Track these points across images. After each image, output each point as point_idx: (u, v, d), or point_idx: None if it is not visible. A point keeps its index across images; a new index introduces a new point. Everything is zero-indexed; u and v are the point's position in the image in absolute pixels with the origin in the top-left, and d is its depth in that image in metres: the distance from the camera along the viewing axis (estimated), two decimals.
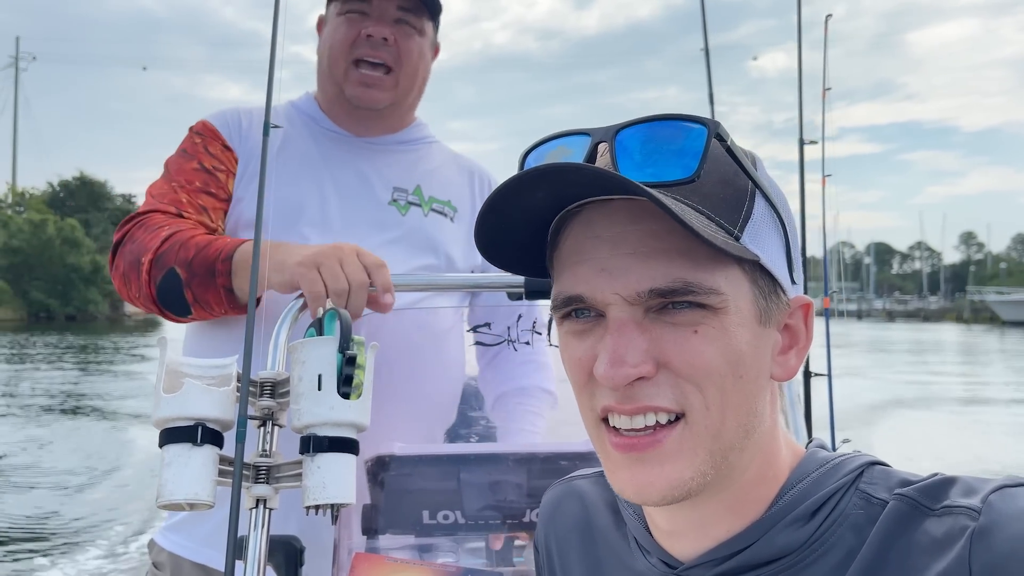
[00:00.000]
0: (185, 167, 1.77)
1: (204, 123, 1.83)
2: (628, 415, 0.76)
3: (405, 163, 1.90)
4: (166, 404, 1.19)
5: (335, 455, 1.22)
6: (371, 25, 1.78)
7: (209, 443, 1.19)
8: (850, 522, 0.78)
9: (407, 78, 1.83)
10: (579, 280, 0.77)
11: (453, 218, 1.89)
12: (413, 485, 1.53)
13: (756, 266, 0.77)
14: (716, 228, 0.74)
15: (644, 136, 0.76)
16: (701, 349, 0.74)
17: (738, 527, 0.81)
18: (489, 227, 0.79)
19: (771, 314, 0.79)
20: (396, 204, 1.83)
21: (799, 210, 1.88)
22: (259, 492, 1.24)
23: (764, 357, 0.79)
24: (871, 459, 0.84)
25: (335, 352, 1.25)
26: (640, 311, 0.75)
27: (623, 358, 0.73)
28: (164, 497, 1.17)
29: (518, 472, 1.52)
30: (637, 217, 0.74)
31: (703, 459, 0.76)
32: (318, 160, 1.83)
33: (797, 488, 0.81)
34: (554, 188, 0.75)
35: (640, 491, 0.77)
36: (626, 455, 0.77)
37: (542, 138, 0.82)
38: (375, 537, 1.51)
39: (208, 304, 1.58)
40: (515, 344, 1.71)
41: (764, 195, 0.79)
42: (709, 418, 0.75)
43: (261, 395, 1.28)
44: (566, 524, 1.02)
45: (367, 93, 1.81)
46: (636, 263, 0.74)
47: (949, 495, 0.76)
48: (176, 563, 1.73)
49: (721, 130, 0.75)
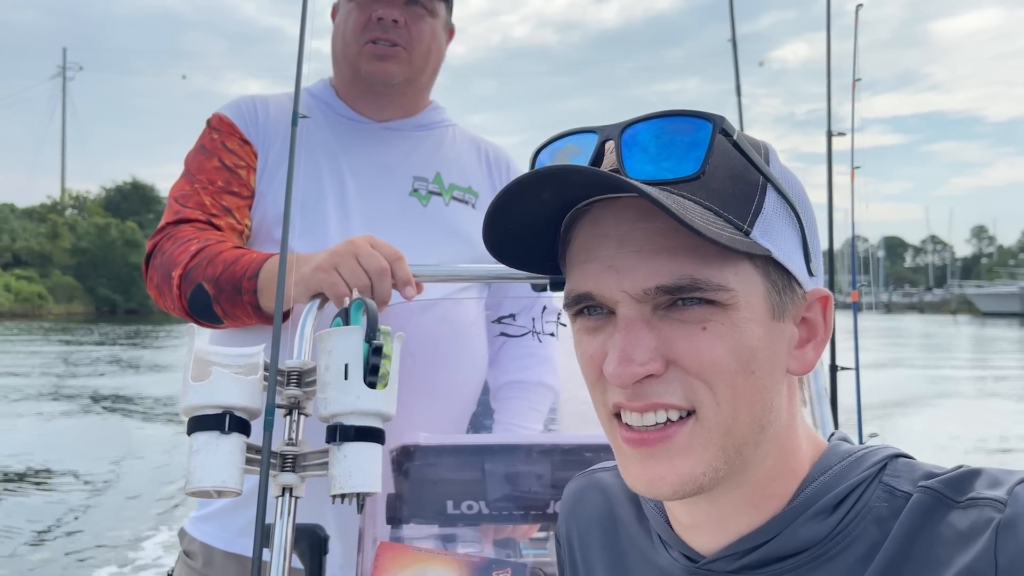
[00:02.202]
0: (206, 166, 1.77)
1: (220, 116, 1.83)
2: (639, 412, 0.76)
3: (424, 149, 1.90)
4: (194, 392, 1.21)
5: (361, 444, 1.23)
6: (381, 8, 1.79)
7: (237, 431, 1.20)
8: (873, 515, 0.78)
9: (420, 57, 1.84)
10: (588, 278, 0.77)
11: (475, 204, 1.89)
12: (437, 475, 1.53)
13: (769, 260, 0.77)
14: (724, 224, 0.74)
15: (650, 132, 0.75)
16: (710, 346, 0.74)
17: (759, 521, 0.81)
18: (497, 228, 0.80)
19: (786, 308, 0.78)
20: (417, 194, 1.83)
21: (827, 203, 1.86)
22: (285, 480, 1.25)
23: (779, 352, 0.78)
24: (895, 451, 0.83)
25: (362, 341, 1.26)
26: (648, 308, 0.75)
27: (631, 356, 0.74)
28: (193, 484, 1.19)
29: (542, 463, 1.52)
30: (643, 215, 0.74)
31: (714, 455, 0.76)
32: (337, 149, 1.83)
33: (819, 481, 0.81)
34: (559, 189, 0.75)
35: (651, 485, 0.77)
36: (637, 450, 0.77)
37: (553, 136, 0.82)
38: (399, 527, 1.52)
39: (238, 317, 1.60)
40: (540, 336, 1.71)
41: (776, 188, 0.78)
42: (720, 414, 0.75)
43: (288, 384, 1.29)
44: (588, 516, 1.02)
45: (381, 67, 1.81)
46: (642, 261, 0.74)
47: (974, 487, 0.75)
48: (208, 552, 1.75)
49: (726, 124, 0.75)
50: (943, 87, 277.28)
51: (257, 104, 1.85)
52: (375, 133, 1.88)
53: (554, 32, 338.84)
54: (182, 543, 1.85)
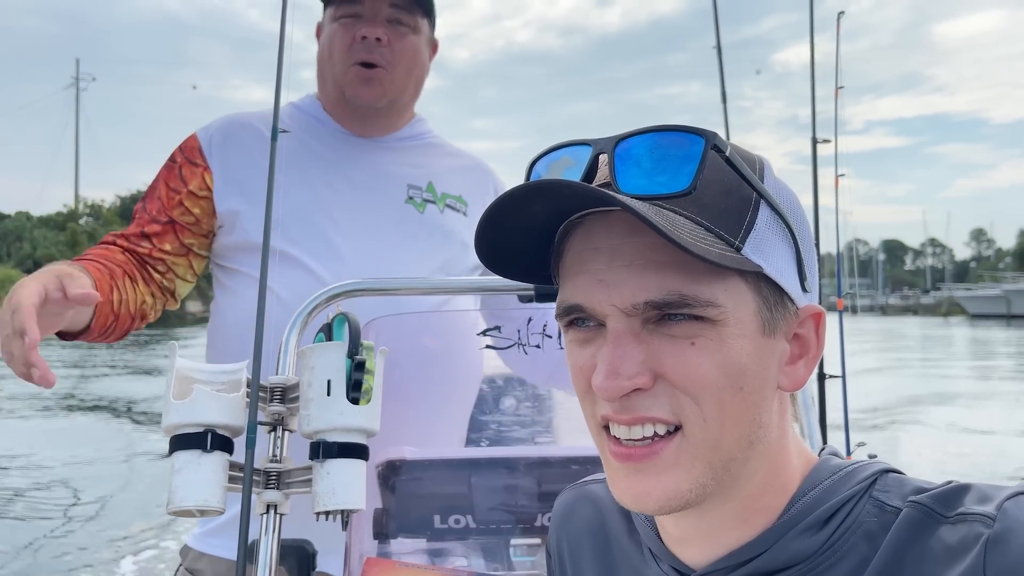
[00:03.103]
0: (161, 193, 1.81)
1: (192, 137, 1.86)
2: (626, 425, 0.76)
3: (414, 160, 1.92)
4: (176, 411, 1.19)
5: (344, 461, 1.22)
6: (364, 27, 1.80)
7: (219, 449, 1.19)
8: (864, 530, 0.77)
9: (402, 76, 1.85)
10: (578, 290, 0.77)
11: (466, 212, 1.92)
12: (424, 489, 1.52)
13: (760, 276, 0.76)
14: (714, 240, 0.73)
15: (643, 147, 0.75)
16: (698, 362, 0.73)
17: (748, 535, 0.80)
18: (489, 239, 0.79)
19: (777, 324, 0.78)
20: (412, 202, 1.86)
21: (812, 208, 1.86)
22: (269, 498, 1.24)
23: (769, 368, 0.78)
24: (885, 467, 0.83)
25: (344, 357, 1.25)
26: (638, 322, 0.74)
27: (618, 370, 0.73)
28: (174, 504, 1.17)
29: (529, 476, 1.52)
30: (634, 229, 0.73)
31: (701, 471, 0.75)
32: (331, 160, 1.85)
33: (809, 496, 0.80)
34: (550, 201, 0.75)
35: (637, 500, 0.77)
36: (625, 464, 0.77)
37: (548, 147, 0.82)
38: (386, 541, 1.50)
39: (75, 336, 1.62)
40: (526, 348, 1.70)
41: (769, 204, 0.78)
42: (707, 430, 0.75)
43: (271, 401, 1.28)
44: (579, 527, 1.02)
45: (365, 91, 1.82)
46: (632, 275, 0.73)
47: (963, 502, 0.75)
48: (216, 566, 1.74)
49: (719, 140, 0.74)
50: (947, 89, 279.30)
51: (234, 124, 1.86)
52: (365, 146, 1.90)
53: (557, 36, 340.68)
54: (184, 560, 1.83)
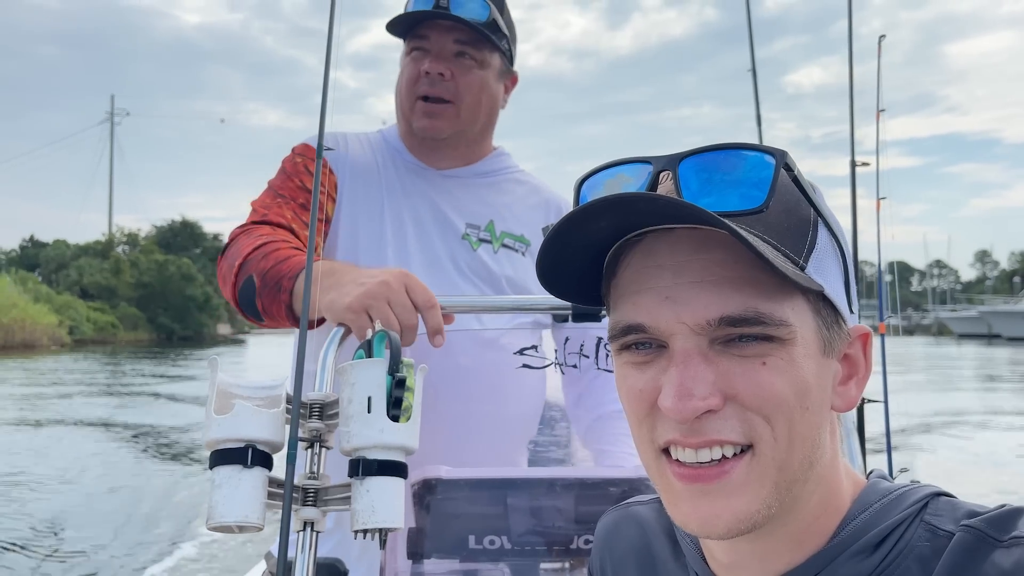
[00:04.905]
0: (288, 184, 1.82)
1: (306, 144, 1.88)
2: (693, 448, 0.74)
3: (480, 197, 1.94)
4: (217, 425, 1.19)
5: (384, 479, 1.21)
6: (429, 62, 1.83)
7: (259, 465, 1.19)
8: (916, 554, 0.76)
9: (468, 110, 1.87)
10: (640, 309, 0.76)
11: (525, 252, 1.92)
12: (459, 509, 1.51)
13: (819, 296, 0.76)
14: (784, 259, 0.73)
15: (708, 165, 0.75)
16: (771, 381, 0.73)
17: (799, 559, 0.79)
18: (551, 257, 0.79)
19: (833, 344, 0.78)
20: (468, 238, 1.88)
21: (851, 231, 1.84)
22: (307, 515, 1.23)
23: (826, 388, 0.78)
24: (936, 490, 0.81)
25: (384, 374, 1.24)
26: (705, 342, 0.73)
27: (691, 391, 0.72)
28: (214, 519, 1.17)
29: (566, 498, 1.50)
30: (700, 246, 0.73)
31: (769, 491, 0.74)
32: (399, 191, 1.88)
33: (860, 519, 0.79)
34: (618, 217, 0.74)
35: (704, 524, 0.75)
36: (690, 486, 0.75)
37: (598, 166, 0.81)
38: (420, 562, 1.49)
39: (274, 316, 1.61)
40: (563, 367, 1.70)
41: (827, 224, 0.78)
42: (777, 450, 0.74)
43: (310, 417, 1.28)
44: (623, 548, 1.01)
45: (429, 123, 1.85)
46: (702, 292, 0.73)
47: (1018, 526, 0.74)
48: None
49: (788, 160, 0.74)
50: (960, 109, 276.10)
51: (338, 138, 1.91)
52: (434, 180, 1.92)
53: (568, 60, 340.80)
54: (270, 564, 1.84)
